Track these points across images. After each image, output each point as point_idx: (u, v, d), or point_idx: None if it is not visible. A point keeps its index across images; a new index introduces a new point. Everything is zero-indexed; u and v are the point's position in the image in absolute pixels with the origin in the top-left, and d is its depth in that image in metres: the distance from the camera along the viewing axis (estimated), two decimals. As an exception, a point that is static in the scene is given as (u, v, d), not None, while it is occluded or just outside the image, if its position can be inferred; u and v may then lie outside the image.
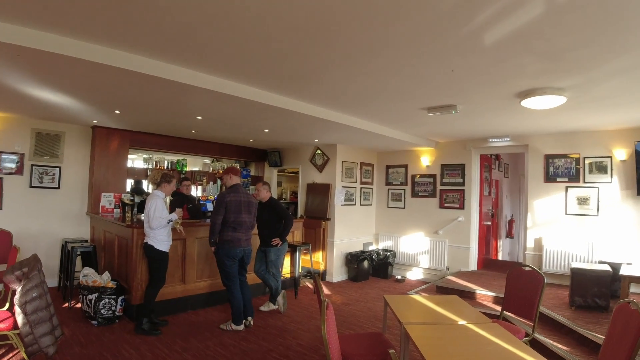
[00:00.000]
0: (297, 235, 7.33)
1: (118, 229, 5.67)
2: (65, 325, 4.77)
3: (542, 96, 4.25)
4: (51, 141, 6.57)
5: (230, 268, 4.92)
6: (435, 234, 8.07)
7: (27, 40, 3.05)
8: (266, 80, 4.28)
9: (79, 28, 3.04)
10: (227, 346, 4.44)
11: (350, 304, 6.30)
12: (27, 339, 3.38)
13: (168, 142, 7.81)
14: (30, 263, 3.57)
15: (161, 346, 4.36)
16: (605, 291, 5.04)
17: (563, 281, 6.30)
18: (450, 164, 8.02)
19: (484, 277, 7.07)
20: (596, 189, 6.31)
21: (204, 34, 3.09)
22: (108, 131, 6.90)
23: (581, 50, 3.12)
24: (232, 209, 4.89)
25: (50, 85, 4.36)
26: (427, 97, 4.68)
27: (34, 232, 6.39)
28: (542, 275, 3.79)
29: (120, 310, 5.05)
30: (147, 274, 5.06)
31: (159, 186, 4.89)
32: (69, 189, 6.79)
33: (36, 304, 3.38)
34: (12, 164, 6.20)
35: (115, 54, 3.46)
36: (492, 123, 6.03)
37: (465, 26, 2.78)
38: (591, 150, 6.39)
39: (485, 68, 3.62)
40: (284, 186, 11.25)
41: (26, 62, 3.53)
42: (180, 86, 4.06)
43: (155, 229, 4.68)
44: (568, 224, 6.55)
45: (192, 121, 6.18)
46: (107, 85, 4.24)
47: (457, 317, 3.31)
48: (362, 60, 3.53)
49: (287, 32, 2.99)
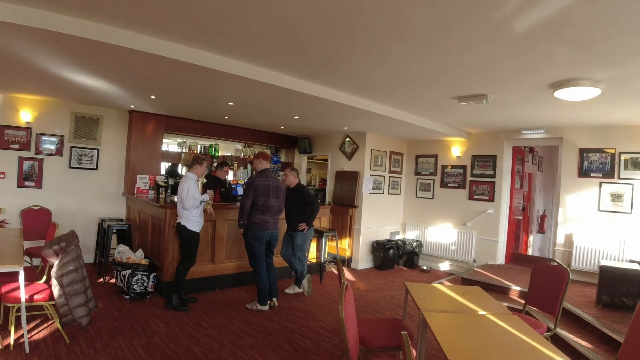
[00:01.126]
0: (324, 221, 7.42)
1: (152, 209, 5.91)
2: (99, 299, 5.03)
3: (576, 87, 4.13)
4: (90, 124, 6.87)
5: (258, 250, 5.06)
6: (464, 226, 8.00)
7: (67, 28, 3.21)
8: (294, 67, 4.33)
9: (117, 16, 3.18)
10: (252, 324, 4.60)
11: (373, 291, 6.36)
12: (62, 310, 3.59)
13: (201, 127, 8.01)
14: (67, 238, 3.80)
15: (189, 321, 4.56)
16: (634, 291, 4.90)
17: (592, 279, 6.15)
18: (482, 155, 7.90)
19: (511, 271, 6.97)
20: (631, 186, 6.10)
21: (234, 22, 3.17)
22: (144, 115, 7.15)
23: (616, 40, 3.02)
24: (261, 192, 5.01)
25: (89, 71, 4.56)
26: (457, 85, 4.63)
27: (72, 211, 6.73)
28: (568, 270, 3.74)
29: (152, 286, 5.29)
30: (179, 252, 5.27)
31: (191, 168, 5.05)
32: (106, 170, 7.09)
33: (72, 277, 3.58)
34: (52, 146, 6.53)
35: (151, 41, 3.60)
36: (525, 113, 5.90)
37: (494, 13, 2.74)
38: (627, 146, 6.16)
39: (516, 57, 3.55)
40: (313, 173, 11.34)
41: (66, 49, 3.71)
42: (211, 72, 4.18)
43: (188, 209, 4.85)
44: (600, 220, 6.37)
45: (224, 107, 6.32)
46: (143, 71, 4.40)
47: (477, 307, 3.31)
48: (388, 47, 3.53)
49: (316, 18, 3.02)
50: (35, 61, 4.18)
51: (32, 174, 6.35)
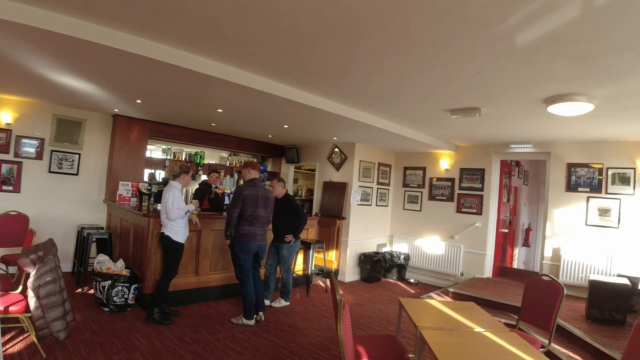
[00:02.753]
0: (311, 232, 7.30)
1: (134, 218, 5.71)
2: (77, 310, 4.80)
3: (570, 103, 4.13)
4: (72, 128, 6.64)
5: (245, 262, 4.91)
6: (451, 239, 7.96)
7: (53, 25, 3.06)
8: (290, 75, 4.24)
9: (106, 14, 3.04)
10: (238, 340, 4.43)
11: (362, 305, 6.24)
12: (39, 323, 3.40)
13: (187, 134, 7.84)
14: (45, 247, 3.60)
15: (171, 336, 4.36)
16: (624, 305, 4.91)
17: (580, 293, 6.16)
18: (470, 169, 7.90)
19: (499, 285, 6.94)
20: (618, 201, 6.15)
21: (231, 26, 3.06)
22: (129, 120, 6.95)
23: (615, 56, 3.01)
24: (249, 202, 4.87)
25: (74, 72, 4.39)
26: (452, 98, 4.59)
27: (50, 217, 6.46)
28: (562, 286, 3.69)
29: (132, 298, 5.08)
30: (161, 263, 5.08)
31: (178, 177, 4.89)
32: (88, 175, 6.85)
33: (49, 288, 3.39)
34: (32, 149, 6.27)
35: (141, 42, 3.46)
36: (516, 128, 5.92)
37: (497, 26, 2.70)
38: (615, 161, 6.22)
39: (515, 71, 3.52)
40: (300, 183, 11.23)
41: (51, 47, 3.55)
42: (204, 78, 4.05)
43: (173, 220, 4.68)
44: (588, 235, 6.40)
45: (212, 114, 6.18)
46: (131, 73, 4.25)
47: (474, 324, 3.24)
48: (388, 58, 3.47)
49: (315, 26, 2.94)
50: (18, 59, 3.99)
51: (10, 178, 6.08)
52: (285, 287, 5.82)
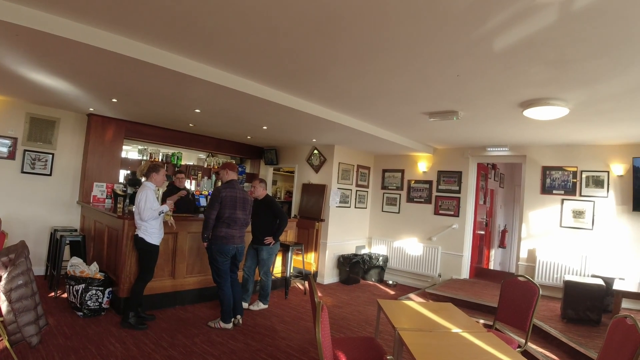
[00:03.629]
0: (290, 234, 7.26)
1: (109, 220, 5.57)
2: (50, 315, 4.66)
3: (546, 107, 4.21)
4: (46, 127, 6.45)
5: (222, 265, 4.84)
6: (429, 241, 8.04)
7: (27, 20, 2.96)
8: (269, 76, 4.21)
9: (81, 10, 2.96)
10: (215, 344, 4.36)
11: (341, 307, 6.24)
12: (11, 328, 3.27)
13: (164, 134, 7.71)
14: (17, 249, 3.47)
15: (147, 341, 4.27)
16: (598, 305, 5.03)
17: (555, 293, 6.29)
18: (447, 171, 8.00)
19: (476, 286, 7.04)
20: (592, 203, 6.31)
21: (208, 23, 3.02)
22: (104, 120, 6.80)
23: (591, 61, 3.08)
24: (227, 204, 4.80)
25: (48, 69, 4.27)
26: (430, 101, 4.63)
27: (23, 219, 6.26)
28: (538, 286, 3.75)
29: (107, 302, 4.95)
30: (136, 266, 4.97)
31: (148, 177, 4.79)
32: (61, 176, 6.67)
33: (21, 292, 3.27)
34: (4, 148, 6.07)
35: (117, 39, 3.37)
36: (492, 131, 6.01)
37: (475, 30, 2.74)
38: (589, 164, 6.39)
39: (492, 74, 3.57)
40: (279, 185, 11.17)
41: (24, 43, 3.44)
42: (181, 77, 3.98)
43: (146, 221, 4.58)
44: (562, 236, 6.54)
45: (190, 114, 6.09)
46: (106, 71, 4.15)
47: (451, 324, 3.26)
48: (367, 59, 3.47)
49: (294, 25, 2.92)
50: (-11, 56, 3.85)
51: (-21, 179, 5.88)
52: (264, 290, 5.76)
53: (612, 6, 2.29)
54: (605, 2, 2.25)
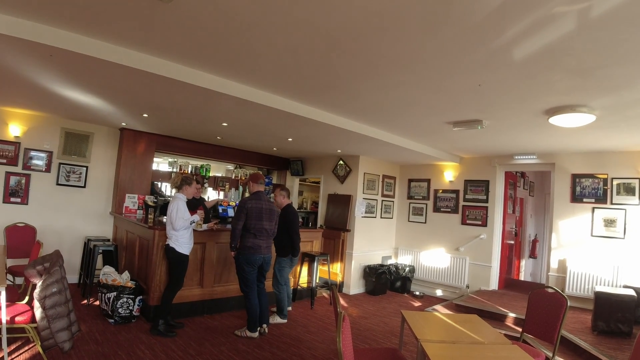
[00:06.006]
0: (315, 245, 7.31)
1: (140, 230, 5.76)
2: (83, 321, 4.84)
3: (571, 114, 4.14)
4: (80, 141, 6.75)
5: (249, 274, 4.92)
6: (456, 251, 7.93)
7: (61, 42, 3.15)
8: (292, 90, 4.31)
9: (113, 32, 3.13)
10: (241, 352, 4.43)
11: (366, 318, 6.22)
12: (44, 333, 3.43)
13: (193, 147, 7.93)
14: (52, 258, 3.65)
15: (175, 348, 4.38)
16: (630, 317, 4.87)
17: (586, 305, 6.10)
18: (474, 180, 7.90)
19: (505, 297, 6.89)
20: (623, 211, 6.12)
21: (234, 43, 3.14)
22: (135, 134, 7.05)
23: (614, 68, 3.04)
24: (253, 215, 4.89)
25: (82, 87, 4.49)
26: (453, 111, 4.63)
27: (57, 229, 6.54)
28: (566, 297, 3.67)
29: (137, 310, 5.11)
30: (166, 275, 5.11)
31: (180, 189, 4.97)
32: (95, 188, 6.94)
33: (55, 299, 3.43)
34: (40, 162, 6.38)
35: (147, 58, 3.54)
36: (519, 139, 5.93)
37: (494, 40, 2.75)
38: (619, 171, 6.21)
39: (514, 83, 3.56)
40: (305, 195, 11.26)
41: (59, 63, 3.64)
42: (208, 93, 4.13)
43: (178, 230, 4.73)
44: (593, 245, 6.36)
45: (217, 127, 6.26)
46: (137, 89, 4.34)
47: (476, 336, 3.23)
48: (387, 73, 3.53)
49: (317, 42, 3.01)
50: (28, 75, 4.09)
51: (18, 190, 6.18)
52: (278, 303, 5.69)
53: (630, 13, 2.27)
54: (623, 10, 2.23)
